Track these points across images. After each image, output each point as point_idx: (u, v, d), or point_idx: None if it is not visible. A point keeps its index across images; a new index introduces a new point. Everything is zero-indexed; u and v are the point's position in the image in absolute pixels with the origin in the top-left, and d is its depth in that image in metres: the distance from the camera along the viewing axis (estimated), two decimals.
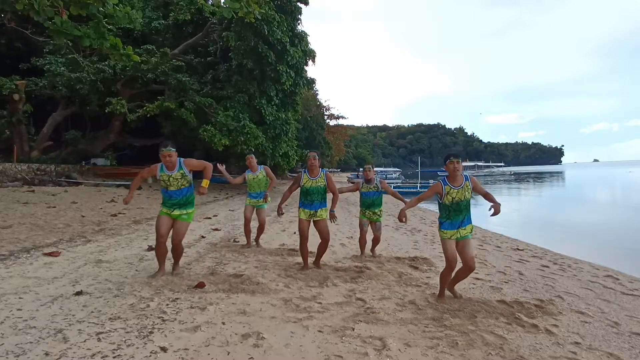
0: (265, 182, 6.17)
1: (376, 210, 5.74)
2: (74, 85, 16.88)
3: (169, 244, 4.35)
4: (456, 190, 3.72)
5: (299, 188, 4.91)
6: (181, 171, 4.21)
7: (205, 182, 4.26)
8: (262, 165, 6.29)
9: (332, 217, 4.82)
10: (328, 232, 4.88)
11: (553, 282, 4.99)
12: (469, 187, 3.76)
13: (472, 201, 3.82)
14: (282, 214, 5.01)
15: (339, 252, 6.21)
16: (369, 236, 5.92)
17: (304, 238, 4.83)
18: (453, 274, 3.84)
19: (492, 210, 3.73)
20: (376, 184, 5.71)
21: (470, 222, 3.80)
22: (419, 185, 28.31)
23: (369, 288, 4.25)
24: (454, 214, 3.76)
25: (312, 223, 4.87)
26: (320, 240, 4.92)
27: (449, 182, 3.77)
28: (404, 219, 3.87)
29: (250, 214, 6.18)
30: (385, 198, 6.33)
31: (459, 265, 3.82)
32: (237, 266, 4.99)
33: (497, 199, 3.84)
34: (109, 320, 3.07)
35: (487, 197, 3.82)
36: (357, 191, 5.89)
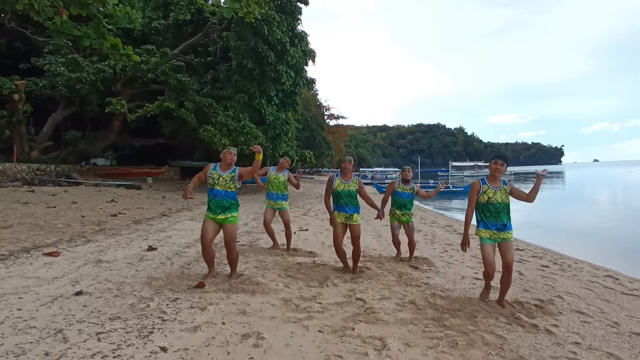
0: (285, 185, 6.05)
1: (406, 212, 5.66)
2: (74, 85, 16.88)
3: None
4: (493, 191, 3.74)
5: (333, 191, 4.81)
6: (232, 174, 4.23)
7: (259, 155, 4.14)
8: (287, 171, 6.14)
9: (380, 216, 4.94)
10: (358, 238, 4.76)
11: (553, 282, 4.99)
12: (507, 190, 3.75)
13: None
14: (329, 214, 4.89)
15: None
16: (401, 241, 5.83)
17: (338, 239, 4.76)
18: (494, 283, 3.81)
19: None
20: (412, 186, 5.67)
21: (511, 229, 3.77)
22: (418, 184, 28.27)
23: (369, 288, 4.25)
24: (489, 216, 3.75)
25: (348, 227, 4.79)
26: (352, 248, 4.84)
27: (488, 181, 3.80)
28: (465, 248, 3.90)
29: (270, 217, 6.05)
30: None
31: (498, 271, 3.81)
32: (237, 266, 4.98)
33: None
34: (109, 320, 3.07)
35: (531, 194, 3.81)
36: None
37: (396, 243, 5.80)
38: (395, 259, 5.74)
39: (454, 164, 66.67)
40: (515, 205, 3.87)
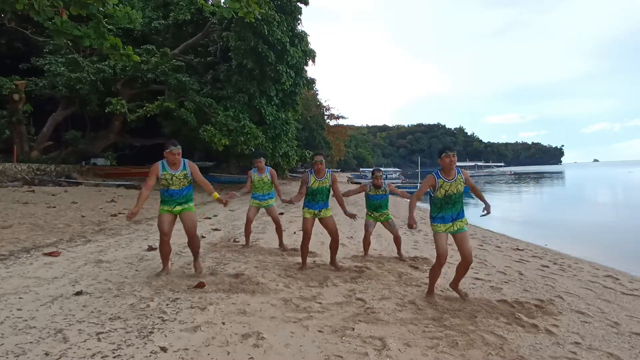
0: (270, 185, 6.13)
1: (383, 212, 5.75)
2: (74, 85, 16.87)
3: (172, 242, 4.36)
4: (449, 184, 3.75)
5: (307, 189, 4.89)
6: (184, 172, 4.24)
7: (215, 195, 4.31)
8: (269, 168, 6.23)
9: (352, 216, 4.91)
10: (336, 229, 4.90)
11: (553, 282, 4.99)
12: (462, 179, 3.79)
13: (471, 201, 3.85)
14: (291, 202, 4.98)
15: (339, 252, 6.18)
16: (374, 237, 5.88)
17: (307, 236, 4.85)
18: (453, 271, 3.86)
19: (485, 211, 3.77)
20: (384, 187, 5.71)
21: (464, 216, 3.82)
22: (419, 185, 28.31)
23: (369, 288, 4.25)
24: (447, 207, 3.77)
25: (317, 221, 4.91)
26: (330, 239, 4.94)
27: (442, 175, 3.79)
28: (414, 226, 3.87)
29: (253, 215, 6.14)
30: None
31: (457, 261, 3.85)
32: (237, 266, 4.98)
33: (498, 198, 3.86)
34: (109, 320, 3.07)
35: (476, 192, 3.93)
36: (362, 193, 5.87)
37: (366, 243, 5.82)
38: (361, 258, 5.69)
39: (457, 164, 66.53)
40: (516, 205, 3.88)
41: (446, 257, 3.78)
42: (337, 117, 49.17)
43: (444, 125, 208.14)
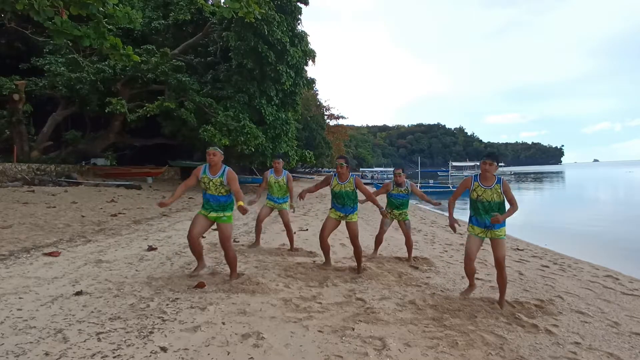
0: (286, 189, 6.04)
1: (403, 211, 5.73)
2: (74, 85, 16.87)
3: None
4: (483, 189, 3.79)
5: (330, 190, 4.88)
6: (221, 179, 4.18)
7: (240, 204, 4.02)
8: (287, 172, 6.10)
9: (385, 215, 4.93)
10: (356, 235, 4.79)
11: (553, 282, 4.99)
12: (499, 190, 3.76)
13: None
14: (302, 198, 5.01)
15: (339, 252, 6.20)
16: (386, 236, 5.88)
17: (325, 231, 4.85)
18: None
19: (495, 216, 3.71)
20: (407, 187, 5.69)
21: (504, 226, 3.82)
22: (418, 185, 28.27)
23: (369, 288, 4.25)
24: (480, 213, 3.81)
25: (343, 224, 4.89)
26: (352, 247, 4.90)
27: (480, 179, 3.85)
28: (455, 225, 4.02)
29: (265, 214, 6.05)
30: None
31: (492, 270, 3.88)
32: (237, 266, 4.98)
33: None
34: (109, 320, 3.07)
35: (512, 204, 3.79)
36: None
37: (378, 241, 5.87)
38: (369, 256, 5.70)
39: (454, 164, 66.62)
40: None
41: (471, 258, 3.87)
42: (337, 117, 49.19)
43: (444, 125, 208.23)
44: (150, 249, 5.73)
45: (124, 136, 21.03)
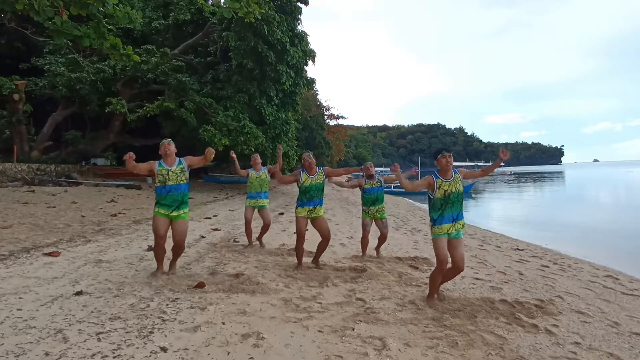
0: (267, 182, 6.28)
1: (380, 207, 5.70)
2: (74, 85, 16.87)
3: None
4: (448, 183, 3.76)
5: (298, 188, 4.91)
6: (181, 166, 4.29)
7: (209, 149, 4.29)
8: (266, 166, 6.36)
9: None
10: (328, 230, 4.92)
11: (553, 282, 4.99)
12: (459, 179, 3.81)
13: (473, 202, 3.84)
14: (271, 173, 5.25)
15: (339, 252, 6.21)
16: (372, 235, 5.89)
17: (301, 237, 4.87)
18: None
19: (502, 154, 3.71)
20: (378, 179, 5.71)
21: (463, 218, 3.82)
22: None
23: (369, 288, 4.24)
24: (447, 207, 3.77)
25: (310, 223, 4.89)
26: (320, 239, 4.94)
27: (441, 175, 3.81)
28: (395, 169, 4.01)
29: (250, 215, 6.23)
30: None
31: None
32: (237, 266, 4.99)
33: (498, 198, 3.86)
34: (109, 320, 3.07)
35: (476, 173, 4.01)
36: (358, 188, 5.86)
37: (364, 243, 5.82)
38: (360, 258, 5.68)
39: (454, 164, 66.57)
40: (516, 204, 3.88)
41: (447, 262, 3.77)
42: (337, 117, 49.17)
43: (444, 125, 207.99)
44: (150, 249, 5.72)
45: (124, 136, 21.03)
